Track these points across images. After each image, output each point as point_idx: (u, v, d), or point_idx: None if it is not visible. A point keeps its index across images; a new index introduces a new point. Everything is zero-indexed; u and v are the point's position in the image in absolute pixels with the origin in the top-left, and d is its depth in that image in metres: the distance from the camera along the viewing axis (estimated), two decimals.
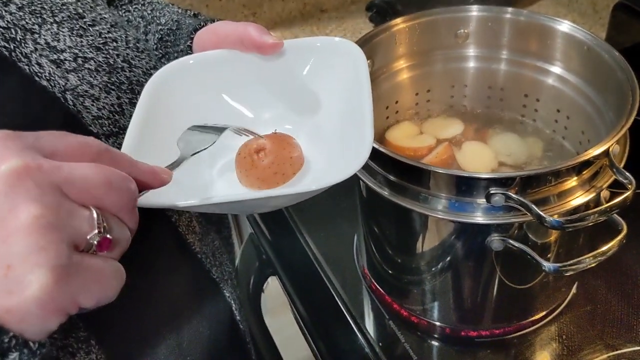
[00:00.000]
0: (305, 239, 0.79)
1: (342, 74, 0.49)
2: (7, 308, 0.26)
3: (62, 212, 0.27)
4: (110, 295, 0.29)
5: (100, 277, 0.28)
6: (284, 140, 0.48)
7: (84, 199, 0.28)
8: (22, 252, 0.25)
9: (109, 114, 0.45)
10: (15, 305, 0.25)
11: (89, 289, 0.28)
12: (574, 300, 0.68)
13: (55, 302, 0.26)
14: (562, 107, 0.69)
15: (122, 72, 0.47)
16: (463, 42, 0.72)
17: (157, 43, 0.55)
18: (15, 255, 0.25)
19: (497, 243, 0.53)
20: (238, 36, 0.49)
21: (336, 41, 0.50)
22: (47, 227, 0.26)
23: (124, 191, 0.30)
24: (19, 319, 0.26)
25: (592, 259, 0.52)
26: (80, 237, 0.28)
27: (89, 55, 0.44)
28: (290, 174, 0.47)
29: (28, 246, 0.25)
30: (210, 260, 0.55)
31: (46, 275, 0.25)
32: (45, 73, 0.41)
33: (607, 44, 0.61)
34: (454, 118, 0.75)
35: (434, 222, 0.56)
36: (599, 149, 0.50)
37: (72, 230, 0.27)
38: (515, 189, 0.50)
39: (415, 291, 0.66)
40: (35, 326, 0.27)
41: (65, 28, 0.44)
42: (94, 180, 0.28)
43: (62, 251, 0.26)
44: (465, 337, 0.66)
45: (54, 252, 0.26)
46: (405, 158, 0.53)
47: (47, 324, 0.27)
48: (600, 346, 0.63)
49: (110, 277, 0.29)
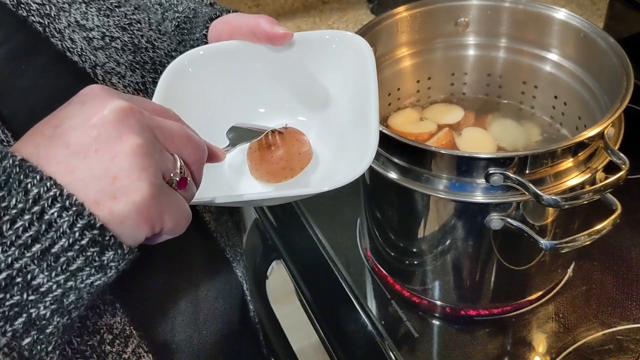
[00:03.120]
0: (309, 223, 0.81)
1: (351, 68, 0.50)
2: (111, 210, 0.30)
3: (156, 147, 0.32)
4: (183, 225, 0.34)
5: (180, 206, 0.33)
6: (293, 136, 0.50)
7: (168, 144, 0.33)
8: (127, 168, 0.30)
9: (133, 91, 0.47)
10: (118, 208, 0.30)
11: (171, 212, 0.32)
12: (570, 281, 0.70)
13: (149, 212, 0.31)
14: (559, 94, 0.71)
15: (146, 52, 0.49)
16: (463, 30, 0.74)
17: (174, 30, 0.57)
18: (121, 170, 0.30)
19: (496, 222, 0.55)
20: (250, 28, 0.50)
21: (348, 35, 0.51)
22: (147, 154, 0.31)
23: (199, 148, 0.35)
24: (119, 221, 0.30)
25: (587, 237, 0.54)
26: (167, 172, 0.33)
27: (115, 34, 0.46)
28: (298, 169, 0.49)
29: (132, 165, 0.30)
30: (224, 240, 0.57)
31: (146, 189, 0.30)
32: (77, 49, 0.43)
33: (602, 31, 0.63)
34: (454, 105, 0.77)
35: (435, 202, 0.58)
36: (594, 131, 0.52)
37: (163, 163, 0.32)
38: (513, 169, 0.52)
39: (416, 272, 0.68)
40: (129, 230, 0.31)
41: (93, 8, 0.45)
42: (178, 132, 0.34)
43: (158, 174, 0.31)
44: (464, 316, 0.68)
45: (152, 173, 0.31)
46: (409, 140, 0.54)
47: (139, 231, 0.31)
48: (595, 324, 0.65)
49: (186, 210, 0.34)
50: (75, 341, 0.38)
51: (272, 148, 0.49)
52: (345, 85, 0.51)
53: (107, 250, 0.30)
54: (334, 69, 0.51)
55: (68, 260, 0.29)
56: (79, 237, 0.29)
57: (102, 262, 0.30)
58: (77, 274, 0.30)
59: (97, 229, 0.29)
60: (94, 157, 0.30)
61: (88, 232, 0.29)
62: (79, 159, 0.30)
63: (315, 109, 0.53)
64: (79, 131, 0.30)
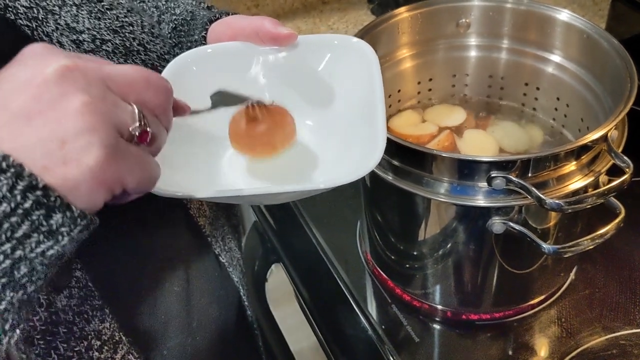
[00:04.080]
0: (309, 226, 0.81)
1: (357, 73, 0.49)
2: (63, 176, 0.28)
3: (107, 101, 0.30)
4: (149, 185, 0.32)
5: (142, 163, 0.31)
6: (279, 113, 0.49)
7: (124, 92, 0.31)
8: (75, 130, 0.28)
9: None
10: (70, 174, 0.28)
11: (132, 172, 0.30)
12: (573, 285, 0.70)
13: (105, 176, 0.29)
14: (561, 95, 0.70)
15: (138, 55, 0.48)
16: (464, 31, 0.73)
17: (170, 32, 0.56)
18: (69, 132, 0.28)
19: (498, 226, 0.55)
20: (254, 29, 0.49)
21: (353, 41, 0.51)
22: (97, 111, 0.29)
23: (161, 89, 0.33)
24: (71, 186, 0.28)
25: (590, 241, 0.53)
26: (124, 127, 0.30)
27: (107, 37, 0.46)
28: (279, 147, 0.48)
29: (81, 126, 0.28)
30: (219, 245, 0.56)
31: (99, 151, 0.28)
32: None
33: (605, 32, 0.62)
34: (456, 106, 0.76)
35: (436, 205, 0.57)
36: (597, 134, 0.51)
37: (117, 119, 0.30)
38: (515, 172, 0.51)
39: (417, 276, 0.68)
40: (85, 196, 0.29)
41: (84, 10, 0.45)
42: (134, 76, 0.31)
43: (112, 133, 0.29)
44: (466, 320, 0.67)
45: (104, 132, 0.29)
46: (409, 142, 0.54)
47: (96, 196, 0.29)
48: (598, 329, 0.65)
49: (150, 167, 0.32)
50: (61, 347, 0.38)
51: (255, 123, 0.47)
52: (351, 90, 0.50)
53: (54, 212, 0.28)
54: (340, 74, 0.51)
55: (12, 226, 0.27)
56: (21, 200, 0.27)
57: (51, 226, 0.28)
58: (24, 242, 0.28)
59: (40, 189, 0.27)
60: (38, 120, 0.28)
61: (30, 194, 0.27)
62: (22, 123, 0.28)
63: (320, 110, 0.52)
64: (20, 93, 0.28)
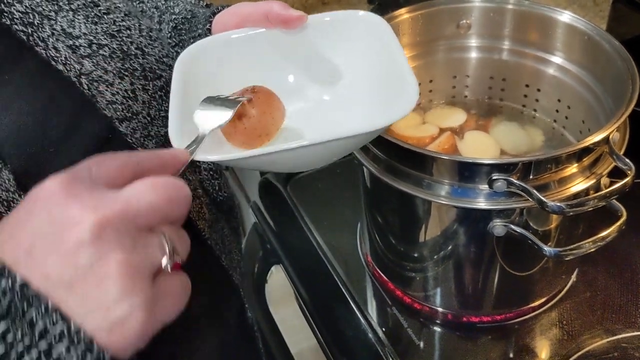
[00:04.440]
0: (309, 228, 0.80)
1: (368, 44, 0.50)
2: (110, 341, 0.28)
3: (139, 248, 0.29)
4: (183, 304, 0.32)
5: (175, 296, 0.32)
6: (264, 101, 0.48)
7: (151, 223, 0.30)
8: (115, 296, 0.28)
9: (122, 99, 0.46)
10: (117, 341, 0.28)
11: (169, 312, 0.31)
12: (574, 287, 0.69)
13: (148, 330, 0.29)
14: (562, 97, 0.70)
15: (135, 59, 0.48)
16: (465, 32, 0.73)
17: (171, 31, 0.56)
18: (110, 299, 0.28)
19: (499, 228, 0.54)
20: (262, 13, 0.49)
21: (359, 15, 0.51)
22: (131, 269, 0.28)
23: (182, 201, 0.32)
24: (120, 349, 0.29)
25: (592, 244, 0.53)
26: (157, 265, 0.30)
27: (104, 42, 0.45)
28: (274, 131, 0.48)
29: (120, 290, 0.28)
30: (219, 247, 0.56)
31: (140, 315, 0.29)
32: (62, 57, 0.42)
33: (606, 33, 0.62)
34: (456, 108, 0.76)
35: (437, 208, 0.57)
36: (599, 136, 0.51)
37: (150, 262, 0.30)
38: (517, 174, 0.51)
39: (417, 278, 0.67)
40: (131, 349, 0.29)
41: (80, 15, 0.45)
42: (156, 201, 0.30)
43: (148, 287, 0.29)
44: (467, 322, 0.67)
45: (142, 292, 0.29)
46: (409, 144, 0.54)
47: (140, 344, 0.30)
48: (599, 331, 0.64)
49: (182, 292, 0.32)
50: None
51: (243, 119, 0.46)
52: (365, 61, 0.51)
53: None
54: (351, 48, 0.51)
55: None
56: None
57: None
58: None
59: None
60: (79, 289, 0.28)
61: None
62: (65, 292, 0.28)
63: (334, 87, 0.53)
64: (57, 260, 0.28)
